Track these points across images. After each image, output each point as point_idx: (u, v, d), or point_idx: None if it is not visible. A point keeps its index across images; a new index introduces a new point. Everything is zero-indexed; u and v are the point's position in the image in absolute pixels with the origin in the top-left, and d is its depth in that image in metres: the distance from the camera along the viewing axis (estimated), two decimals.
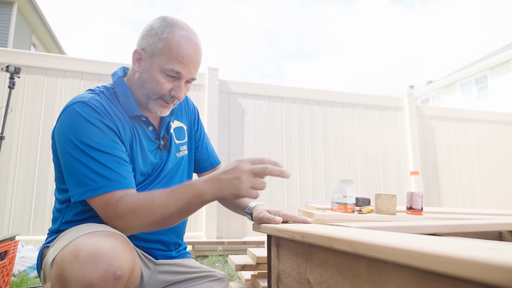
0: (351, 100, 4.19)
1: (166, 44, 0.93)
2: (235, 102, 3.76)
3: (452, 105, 13.65)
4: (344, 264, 0.60)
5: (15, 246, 1.76)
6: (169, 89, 0.96)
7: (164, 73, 0.94)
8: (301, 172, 3.84)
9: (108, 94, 0.97)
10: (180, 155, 1.11)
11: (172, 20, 0.97)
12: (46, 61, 3.21)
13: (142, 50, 0.96)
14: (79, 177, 0.83)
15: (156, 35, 0.94)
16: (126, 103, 0.97)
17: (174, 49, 0.92)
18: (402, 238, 0.51)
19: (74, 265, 0.64)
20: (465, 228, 0.99)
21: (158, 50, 0.93)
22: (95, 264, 0.63)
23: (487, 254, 0.35)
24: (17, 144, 3.00)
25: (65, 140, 0.86)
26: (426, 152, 4.33)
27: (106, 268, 0.64)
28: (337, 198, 1.42)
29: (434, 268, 0.38)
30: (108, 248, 0.67)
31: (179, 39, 0.93)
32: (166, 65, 0.93)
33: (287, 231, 0.80)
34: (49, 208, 3.00)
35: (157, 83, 0.94)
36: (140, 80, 0.97)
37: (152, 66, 0.94)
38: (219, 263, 2.77)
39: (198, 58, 0.97)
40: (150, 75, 0.95)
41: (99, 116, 0.89)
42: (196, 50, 0.96)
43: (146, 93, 0.96)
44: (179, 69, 0.93)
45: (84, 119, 0.86)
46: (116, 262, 0.65)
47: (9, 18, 8.76)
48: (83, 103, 0.89)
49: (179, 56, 0.92)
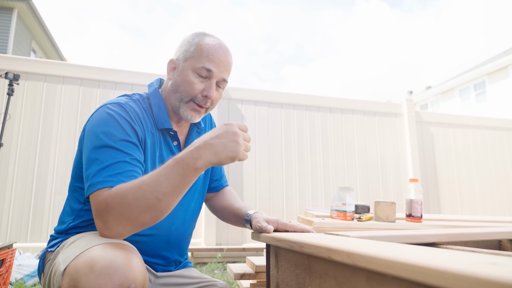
0: (350, 106, 4.20)
1: (197, 47, 0.98)
2: (234, 108, 3.77)
3: (451, 111, 13.69)
4: (343, 275, 0.60)
5: (13, 254, 1.75)
6: (201, 89, 0.98)
7: (196, 72, 0.97)
8: (301, 178, 3.83)
9: (143, 103, 1.00)
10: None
11: (204, 31, 1.03)
12: (45, 67, 3.22)
13: (176, 59, 1.01)
14: (91, 172, 0.82)
15: (188, 43, 1.00)
16: (159, 114, 0.99)
17: (205, 49, 0.97)
18: (401, 251, 0.51)
19: (89, 277, 0.64)
20: (464, 237, 0.98)
21: (190, 53, 0.98)
22: (111, 277, 0.63)
23: (486, 269, 0.34)
24: (16, 150, 3.00)
25: (91, 133, 0.87)
26: (425, 158, 4.33)
27: (121, 281, 0.64)
28: (337, 205, 1.42)
29: (433, 283, 0.38)
30: (122, 261, 0.67)
31: (210, 42, 0.98)
32: (197, 64, 0.96)
33: (286, 241, 0.79)
34: (47, 215, 2.98)
35: (189, 83, 0.97)
36: (173, 85, 1.00)
37: (185, 68, 0.98)
38: (218, 271, 2.75)
39: (229, 60, 1.01)
40: (182, 76, 0.98)
41: (130, 118, 0.91)
42: (226, 53, 1.00)
43: (179, 96, 0.99)
44: (210, 66, 0.96)
45: (114, 118, 0.88)
46: (130, 276, 0.65)
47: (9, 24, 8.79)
48: (119, 104, 0.92)
49: (209, 55, 0.96)
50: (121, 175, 0.81)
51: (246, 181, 3.63)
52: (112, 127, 0.87)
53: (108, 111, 0.89)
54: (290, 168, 3.82)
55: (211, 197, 1.25)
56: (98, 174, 0.81)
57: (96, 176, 0.81)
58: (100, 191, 0.78)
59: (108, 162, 0.82)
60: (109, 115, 0.89)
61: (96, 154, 0.83)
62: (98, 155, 0.83)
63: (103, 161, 0.82)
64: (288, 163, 3.83)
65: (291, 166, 3.82)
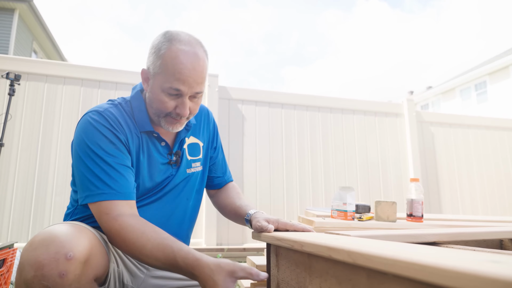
0: (351, 106, 4.19)
1: (163, 61, 0.90)
2: (235, 108, 3.77)
3: (452, 111, 13.67)
4: (343, 274, 0.60)
5: (14, 254, 1.75)
6: (173, 107, 0.94)
7: (165, 91, 0.92)
8: (301, 178, 3.83)
9: (126, 106, 1.00)
10: (191, 171, 1.10)
11: (172, 34, 0.93)
12: (46, 68, 3.22)
13: (148, 69, 0.96)
14: (85, 181, 0.87)
15: (155, 53, 0.92)
16: (139, 118, 0.99)
17: (170, 66, 0.89)
18: (402, 249, 0.51)
19: (28, 250, 0.68)
20: (465, 236, 0.98)
21: (157, 68, 0.92)
22: (46, 247, 0.67)
23: (487, 267, 0.34)
24: (17, 150, 3.00)
25: (78, 144, 0.91)
26: (426, 158, 4.32)
27: (57, 250, 0.67)
28: (337, 205, 1.42)
29: (434, 281, 0.37)
30: (61, 233, 0.71)
31: (175, 54, 0.89)
32: (165, 84, 0.91)
33: (286, 240, 0.79)
34: (48, 215, 2.99)
35: (160, 102, 0.93)
36: (148, 100, 0.98)
37: (154, 85, 0.94)
38: None
39: (199, 71, 0.92)
40: (154, 94, 0.94)
41: (110, 126, 0.92)
42: (194, 63, 0.91)
43: (154, 111, 0.97)
44: (178, 86, 0.90)
45: (95, 128, 0.90)
46: (67, 245, 0.69)
47: (10, 24, 8.81)
48: (98, 112, 0.93)
49: (176, 73, 0.89)
50: (119, 185, 0.87)
51: (246, 181, 3.63)
52: (97, 138, 0.89)
53: (90, 121, 0.91)
54: (291, 168, 3.81)
55: (215, 193, 1.25)
56: (95, 186, 0.85)
57: (94, 187, 0.85)
58: (103, 203, 0.84)
59: (102, 173, 0.86)
60: (91, 125, 0.90)
61: (90, 165, 0.87)
62: (92, 166, 0.87)
63: (97, 172, 0.86)
64: (289, 163, 3.82)
65: (291, 166, 3.82)
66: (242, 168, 3.63)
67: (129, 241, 0.81)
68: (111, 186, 0.86)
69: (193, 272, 0.76)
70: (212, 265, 0.75)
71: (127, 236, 0.81)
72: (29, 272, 0.66)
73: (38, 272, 0.65)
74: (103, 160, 0.87)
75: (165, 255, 0.79)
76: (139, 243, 0.80)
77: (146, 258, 0.80)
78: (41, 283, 0.65)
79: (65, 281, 0.66)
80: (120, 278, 0.92)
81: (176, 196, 1.06)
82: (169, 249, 0.79)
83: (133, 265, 0.99)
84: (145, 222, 0.85)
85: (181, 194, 1.08)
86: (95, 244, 0.76)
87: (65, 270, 0.66)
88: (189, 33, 0.97)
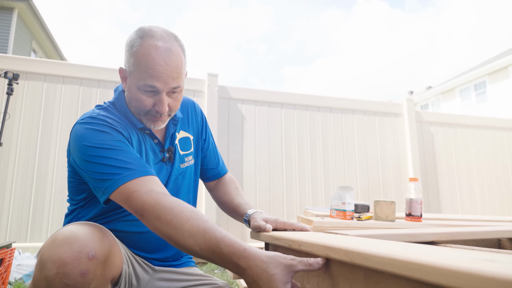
0: (351, 106, 4.19)
1: (135, 59, 0.89)
2: (234, 108, 3.76)
3: (452, 111, 13.68)
4: (341, 273, 0.59)
5: (12, 253, 1.75)
6: (152, 104, 0.93)
7: (141, 89, 0.91)
8: (301, 178, 3.83)
9: (114, 109, 0.98)
10: (185, 166, 1.10)
11: (144, 30, 0.91)
12: (45, 67, 3.21)
13: (124, 67, 0.95)
14: (100, 177, 0.84)
15: (128, 51, 0.91)
16: (127, 117, 0.98)
17: (143, 62, 0.88)
18: (399, 248, 0.51)
19: (51, 248, 0.68)
20: (464, 236, 0.98)
21: (132, 66, 0.90)
22: (70, 246, 0.67)
23: (484, 265, 0.34)
24: (15, 150, 3.00)
25: (79, 151, 0.87)
26: (425, 158, 4.32)
27: (79, 249, 0.67)
28: (336, 204, 1.41)
29: (431, 280, 0.37)
30: (83, 233, 0.70)
31: (146, 51, 0.88)
32: (140, 81, 0.89)
33: (284, 240, 0.79)
34: (47, 215, 2.98)
35: (138, 100, 0.92)
36: (127, 99, 0.97)
37: (131, 83, 0.93)
38: (218, 270, 2.75)
39: (172, 66, 0.89)
40: (131, 93, 0.93)
41: (108, 124, 0.90)
42: (167, 58, 0.88)
43: (134, 110, 0.96)
44: (152, 83, 0.88)
45: (92, 129, 0.88)
46: (90, 244, 0.68)
47: (9, 24, 8.80)
48: (91, 117, 0.91)
49: (149, 70, 0.87)
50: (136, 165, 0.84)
51: (246, 181, 3.62)
52: (97, 136, 0.87)
53: (85, 126, 0.89)
54: (290, 168, 3.81)
55: (213, 186, 1.25)
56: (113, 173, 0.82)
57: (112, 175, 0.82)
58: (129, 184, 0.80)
59: (115, 161, 0.83)
60: (87, 129, 0.88)
61: (99, 160, 0.84)
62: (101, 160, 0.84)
63: (109, 162, 0.83)
64: (288, 163, 3.82)
65: (291, 166, 3.82)
66: (242, 167, 3.63)
67: (165, 218, 0.74)
68: (129, 168, 0.82)
69: (239, 263, 0.67)
70: (265, 257, 0.66)
71: (163, 213, 0.74)
72: (51, 269, 0.65)
73: (60, 270, 0.65)
74: (112, 149, 0.85)
75: (206, 239, 0.70)
76: (176, 221, 0.73)
77: (182, 239, 0.72)
78: (62, 281, 0.65)
79: (86, 280, 0.66)
80: (130, 279, 0.92)
81: (176, 193, 1.06)
82: (211, 233, 0.71)
83: (140, 266, 0.99)
84: (181, 201, 0.78)
85: (181, 190, 1.08)
86: (114, 245, 0.76)
87: (86, 269, 0.66)
88: (163, 27, 0.95)
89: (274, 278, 0.63)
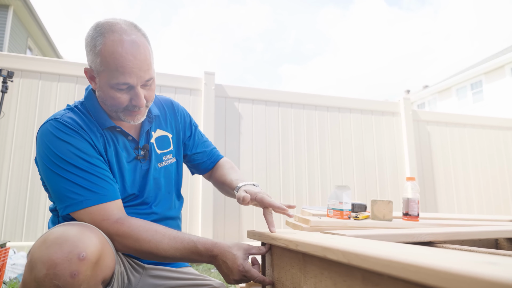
0: (348, 105, 4.19)
1: (102, 58, 0.86)
2: (231, 106, 3.75)
3: (448, 110, 13.73)
4: (338, 275, 0.59)
5: (6, 253, 1.73)
6: (128, 100, 0.91)
7: (114, 88, 0.89)
8: (298, 177, 3.82)
9: (82, 108, 0.97)
10: (163, 165, 1.08)
11: (103, 26, 0.88)
12: (40, 64, 3.18)
13: (90, 67, 0.92)
14: (63, 192, 0.85)
15: (92, 51, 0.88)
16: (97, 116, 0.96)
17: (111, 61, 0.85)
18: (397, 250, 0.50)
19: (41, 248, 0.67)
20: (461, 236, 0.98)
21: (99, 66, 0.88)
22: (60, 246, 0.67)
23: (485, 268, 0.33)
24: (10, 148, 2.97)
25: (44, 158, 0.88)
26: (422, 157, 4.33)
27: (70, 249, 0.66)
28: (333, 204, 1.41)
29: (431, 283, 0.36)
30: (74, 233, 0.70)
31: (112, 48, 0.85)
32: (112, 80, 0.87)
33: (281, 240, 0.78)
34: (42, 214, 2.96)
35: (113, 98, 0.90)
36: (100, 98, 0.95)
37: (102, 83, 0.90)
38: (214, 269, 2.74)
39: (141, 59, 0.87)
40: (104, 92, 0.91)
41: (72, 131, 0.89)
42: (134, 52, 0.86)
43: (110, 108, 0.94)
44: (125, 80, 0.87)
45: (57, 137, 0.88)
46: (80, 245, 0.68)
47: (4, 21, 8.72)
48: (55, 120, 0.90)
49: (119, 68, 0.85)
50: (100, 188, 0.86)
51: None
52: (62, 146, 0.87)
53: (50, 130, 0.89)
54: (287, 167, 3.81)
55: (210, 175, 1.25)
56: (76, 193, 0.84)
57: (74, 195, 0.84)
58: (92, 209, 0.84)
59: (78, 180, 0.85)
60: (52, 135, 0.88)
61: (63, 174, 0.85)
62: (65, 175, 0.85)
63: (73, 179, 0.85)
64: (285, 162, 3.82)
65: (288, 165, 3.81)
66: (239, 166, 3.62)
67: (143, 240, 0.83)
68: (93, 191, 0.85)
69: (213, 252, 0.84)
70: (230, 243, 0.87)
71: (140, 236, 0.83)
72: (41, 270, 0.65)
73: (50, 271, 0.64)
74: (76, 166, 0.86)
75: (185, 245, 0.85)
76: (155, 240, 0.84)
77: (163, 252, 0.84)
78: (52, 282, 0.64)
79: (76, 281, 0.66)
80: (122, 278, 0.91)
81: (156, 192, 1.05)
82: (187, 239, 0.86)
83: (130, 265, 0.98)
84: (148, 222, 0.89)
85: (161, 190, 1.07)
86: (106, 245, 0.76)
87: (77, 270, 0.66)
88: (120, 17, 0.92)
89: (237, 256, 0.84)
